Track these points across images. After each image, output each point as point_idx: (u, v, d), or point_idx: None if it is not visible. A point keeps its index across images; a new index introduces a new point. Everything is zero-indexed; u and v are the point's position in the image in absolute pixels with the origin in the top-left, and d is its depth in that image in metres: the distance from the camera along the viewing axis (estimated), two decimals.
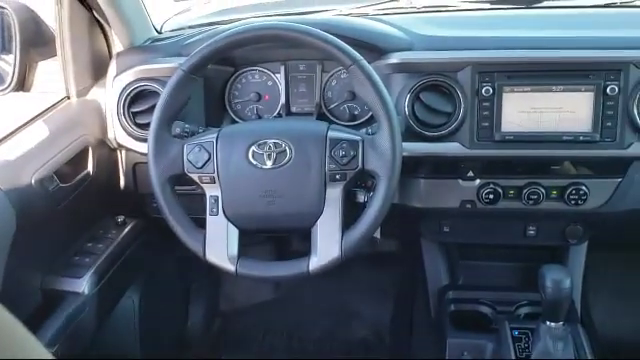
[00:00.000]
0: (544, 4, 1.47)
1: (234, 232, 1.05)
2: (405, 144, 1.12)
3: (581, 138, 1.12)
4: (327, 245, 1.02)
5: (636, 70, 1.09)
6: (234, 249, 1.05)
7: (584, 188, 1.20)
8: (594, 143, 1.12)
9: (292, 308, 1.94)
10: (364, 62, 1.02)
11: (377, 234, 1.27)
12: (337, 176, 1.03)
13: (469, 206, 1.25)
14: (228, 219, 1.05)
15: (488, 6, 1.50)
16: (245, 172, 1.03)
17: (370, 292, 1.92)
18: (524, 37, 1.22)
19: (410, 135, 1.16)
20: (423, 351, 1.48)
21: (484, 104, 1.14)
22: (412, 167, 1.24)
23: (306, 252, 1.04)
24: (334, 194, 1.03)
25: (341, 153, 1.02)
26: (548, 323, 1.09)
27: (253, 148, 1.04)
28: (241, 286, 1.97)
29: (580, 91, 1.11)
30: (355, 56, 1.02)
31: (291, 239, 1.87)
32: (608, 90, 1.09)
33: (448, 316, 1.36)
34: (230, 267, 1.04)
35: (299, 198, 1.03)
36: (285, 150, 1.03)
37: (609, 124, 1.11)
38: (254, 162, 1.04)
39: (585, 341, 1.18)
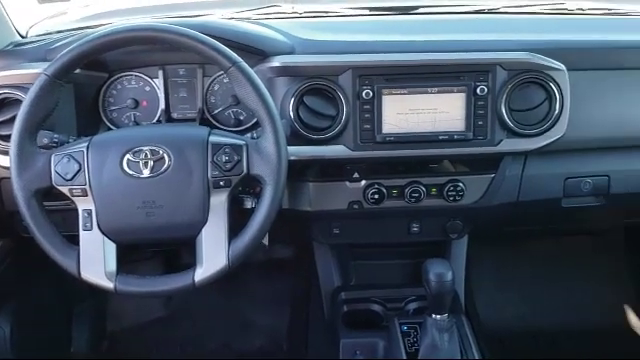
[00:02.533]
0: (420, 11, 1.54)
1: (111, 247, 0.99)
2: (291, 148, 1.11)
3: (455, 137, 1.17)
4: (213, 255, 0.99)
5: (502, 71, 1.16)
6: (112, 265, 0.99)
7: (461, 185, 1.25)
8: (468, 141, 1.18)
9: (185, 322, 1.88)
10: (244, 64, 1.00)
11: (265, 240, 1.25)
12: (221, 182, 1.00)
13: (356, 207, 1.27)
14: (104, 234, 0.98)
15: (368, 12, 1.54)
16: (120, 182, 0.98)
17: (265, 300, 1.90)
18: (401, 41, 1.27)
19: (296, 139, 1.15)
20: (319, 354, 1.48)
21: (365, 107, 1.16)
22: (300, 171, 1.24)
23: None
24: (218, 201, 1.00)
25: (224, 158, 0.99)
26: (434, 316, 1.13)
27: (128, 156, 0.98)
28: (129, 304, 1.87)
29: (453, 92, 1.16)
30: (234, 58, 1.00)
31: (181, 252, 1.80)
32: (478, 90, 1.15)
33: (341, 317, 1.38)
34: (108, 284, 0.98)
35: (180, 207, 0.99)
36: (163, 157, 0.99)
37: (480, 123, 1.17)
38: (129, 171, 0.98)
39: (469, 331, 1.24)
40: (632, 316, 1.87)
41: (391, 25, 1.45)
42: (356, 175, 1.25)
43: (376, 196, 1.25)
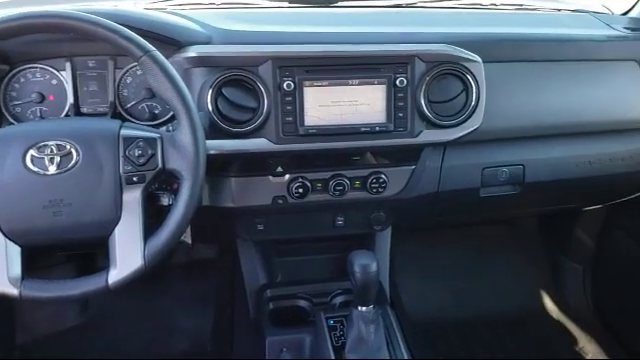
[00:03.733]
0: (341, 4, 1.53)
1: (15, 250, 0.91)
2: (211, 142, 1.08)
3: (377, 129, 1.17)
4: (127, 255, 0.94)
5: (421, 63, 1.17)
6: (16, 270, 0.91)
7: (383, 177, 1.26)
8: (389, 133, 1.18)
9: (104, 329, 1.78)
10: (156, 53, 0.96)
11: (188, 239, 1.21)
12: (134, 178, 0.94)
13: (281, 201, 1.25)
14: (6, 236, 0.90)
15: (288, 4, 1.52)
16: (23, 180, 0.90)
17: (189, 301, 1.84)
18: (321, 33, 1.26)
19: (215, 132, 1.11)
20: (244, 354, 1.45)
21: (287, 99, 1.14)
22: (221, 166, 1.21)
23: None
24: (132, 198, 0.94)
25: (137, 152, 0.94)
26: (359, 308, 1.13)
27: (31, 152, 0.91)
28: (42, 313, 1.76)
29: (373, 84, 1.16)
30: (146, 47, 0.95)
31: (98, 255, 1.71)
32: (397, 82, 1.16)
33: (267, 315, 1.35)
34: (12, 290, 0.90)
35: (91, 205, 0.93)
36: (71, 152, 0.92)
37: (401, 114, 1.18)
38: (34, 168, 0.91)
39: (395, 322, 1.25)
40: (548, 301, 1.97)
41: (312, 17, 1.44)
42: (280, 169, 1.23)
43: (300, 190, 1.23)
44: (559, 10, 1.57)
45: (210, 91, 1.10)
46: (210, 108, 1.10)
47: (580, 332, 1.83)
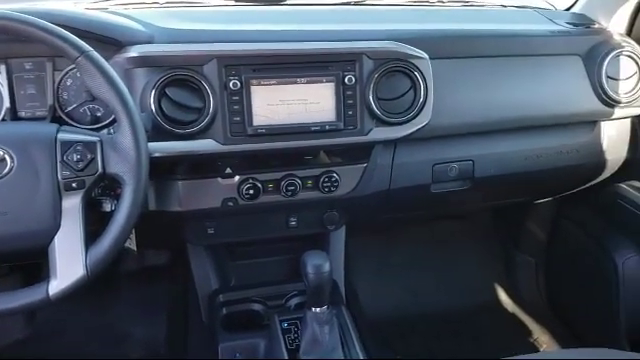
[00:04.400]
0: (289, 2, 1.52)
1: None
2: (155, 144, 1.05)
3: (327, 127, 1.16)
4: (69, 264, 0.90)
5: (368, 60, 1.17)
6: None
7: (335, 175, 1.25)
8: (339, 131, 1.17)
9: (52, 341, 1.71)
10: (93, 53, 0.92)
11: (132, 245, 1.17)
12: (74, 184, 0.91)
13: (231, 204, 1.22)
14: None
15: (234, 2, 1.50)
16: None
17: (141, 309, 1.78)
18: (268, 31, 1.24)
19: (159, 134, 1.07)
20: None
21: (233, 98, 1.11)
22: (167, 169, 1.17)
23: None
24: (71, 205, 0.91)
25: (76, 157, 0.90)
26: (313, 309, 1.11)
27: None
28: None
29: (322, 82, 1.15)
30: (82, 47, 0.92)
31: (42, 266, 1.64)
32: (346, 80, 1.15)
33: (220, 320, 1.32)
34: None
35: (27, 214, 0.88)
36: (4, 159, 0.88)
37: (350, 112, 1.17)
38: None
39: (350, 322, 1.24)
40: (503, 294, 2.00)
41: (259, 15, 1.42)
42: (229, 170, 1.20)
43: (251, 191, 1.21)
44: (504, 6, 1.60)
45: (153, 92, 1.07)
46: (153, 109, 1.07)
47: (534, 324, 1.87)
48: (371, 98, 1.17)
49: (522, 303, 1.95)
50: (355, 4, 1.53)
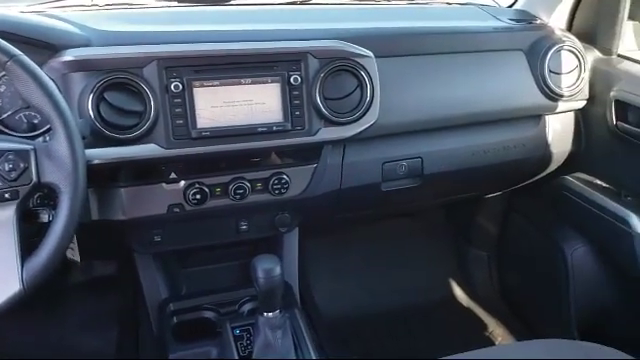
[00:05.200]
0: (234, 2, 1.49)
1: None
2: (94, 150, 1.02)
3: (274, 128, 1.14)
4: (3, 279, 0.85)
5: (314, 59, 1.15)
6: None
7: (285, 177, 1.23)
8: (287, 132, 1.15)
9: None
10: (23, 57, 0.87)
11: (75, 256, 1.13)
12: (6, 195, 0.86)
13: (177, 210, 1.19)
14: None
15: (176, 3, 1.46)
16: None
17: (92, 321, 1.72)
18: (211, 31, 1.22)
19: (99, 140, 1.03)
20: None
21: (175, 101, 1.08)
22: (109, 176, 1.13)
23: None
24: (5, 217, 0.86)
25: (7, 167, 0.86)
26: (265, 314, 1.09)
27: None
28: None
29: (267, 82, 1.13)
30: (11, 51, 0.87)
31: None
32: (292, 80, 1.13)
33: (170, 330, 1.28)
34: None
35: None
36: None
37: (297, 113, 1.15)
38: None
39: (304, 325, 1.22)
40: (457, 290, 2.02)
41: (203, 16, 1.39)
42: (173, 175, 1.17)
43: (198, 196, 1.18)
44: (449, 4, 1.61)
45: (91, 96, 1.02)
46: (92, 114, 1.02)
47: (489, 317, 1.89)
48: (318, 98, 1.16)
49: (476, 297, 1.97)
50: (301, 3, 1.51)
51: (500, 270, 1.95)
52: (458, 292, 2.00)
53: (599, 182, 1.45)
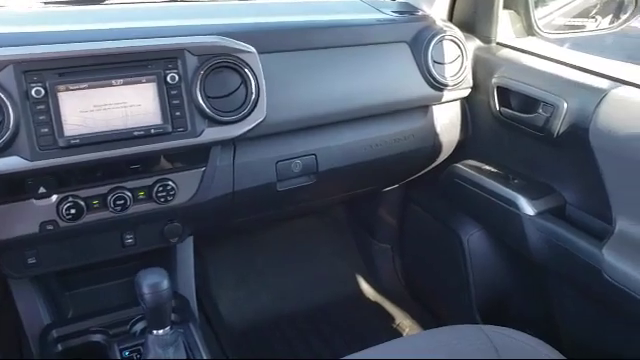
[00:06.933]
0: (107, 2, 1.40)
1: None
2: None
3: (153, 131, 1.06)
4: None
5: (192, 57, 1.09)
6: None
7: (171, 183, 1.16)
8: (167, 135, 1.08)
9: None
10: None
11: None
12: None
13: (51, 227, 1.08)
14: None
15: (43, 4, 1.34)
16: None
17: None
18: (78, 31, 1.12)
19: None
20: None
21: (38, 108, 0.98)
22: None
23: None
24: None
25: None
26: (155, 332, 1.01)
27: None
28: None
29: (142, 82, 1.05)
30: None
31: None
32: (169, 79, 1.06)
33: (55, 358, 1.17)
34: None
35: None
36: None
37: (178, 113, 1.08)
38: None
39: (199, 340, 1.15)
40: (364, 285, 2.02)
41: (72, 16, 1.28)
42: (42, 190, 1.06)
43: (73, 211, 1.07)
44: None
45: None
46: None
47: (395, 309, 1.90)
48: (199, 97, 1.09)
49: (383, 290, 1.98)
50: (181, 0, 1.44)
51: (403, 261, 1.97)
52: (365, 287, 2.00)
53: (488, 167, 1.49)
